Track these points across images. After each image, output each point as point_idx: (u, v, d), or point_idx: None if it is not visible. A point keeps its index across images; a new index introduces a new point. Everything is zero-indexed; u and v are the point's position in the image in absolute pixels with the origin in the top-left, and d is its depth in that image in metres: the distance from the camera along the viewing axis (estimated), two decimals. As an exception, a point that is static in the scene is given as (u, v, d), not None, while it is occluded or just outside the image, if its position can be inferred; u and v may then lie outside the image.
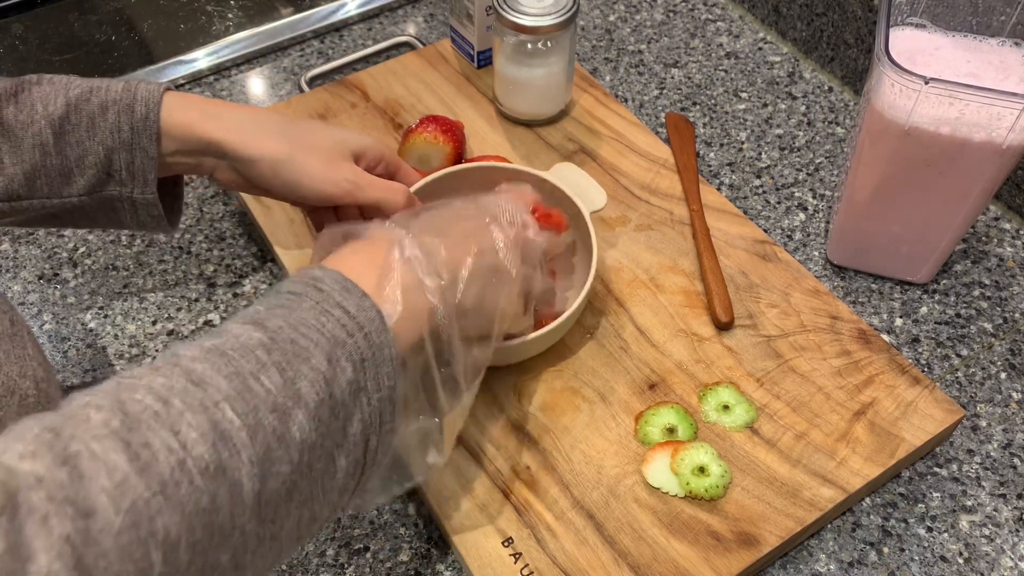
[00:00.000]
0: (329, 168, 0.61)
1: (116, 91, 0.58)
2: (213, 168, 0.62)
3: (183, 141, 0.60)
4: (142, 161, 0.59)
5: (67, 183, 0.59)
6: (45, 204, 0.59)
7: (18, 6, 0.97)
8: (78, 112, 0.58)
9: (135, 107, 0.58)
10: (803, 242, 0.79)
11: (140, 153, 0.58)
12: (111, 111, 0.58)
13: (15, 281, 0.76)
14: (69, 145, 0.58)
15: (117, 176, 0.59)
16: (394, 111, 0.86)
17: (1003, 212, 0.82)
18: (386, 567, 0.61)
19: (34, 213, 0.60)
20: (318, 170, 0.60)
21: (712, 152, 0.86)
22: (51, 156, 0.58)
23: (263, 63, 0.94)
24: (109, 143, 0.58)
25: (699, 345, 0.69)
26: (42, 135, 0.57)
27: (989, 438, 0.68)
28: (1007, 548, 0.62)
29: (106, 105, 0.58)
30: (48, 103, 0.57)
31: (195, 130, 0.59)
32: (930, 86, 0.60)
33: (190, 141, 0.60)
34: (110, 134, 0.58)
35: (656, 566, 0.58)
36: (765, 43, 0.96)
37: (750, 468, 0.62)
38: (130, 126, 0.58)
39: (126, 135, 0.58)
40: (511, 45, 0.79)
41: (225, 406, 0.37)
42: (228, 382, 0.38)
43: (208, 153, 0.61)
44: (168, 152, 0.60)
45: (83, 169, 0.58)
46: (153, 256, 0.78)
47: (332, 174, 0.61)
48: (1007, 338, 0.73)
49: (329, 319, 0.42)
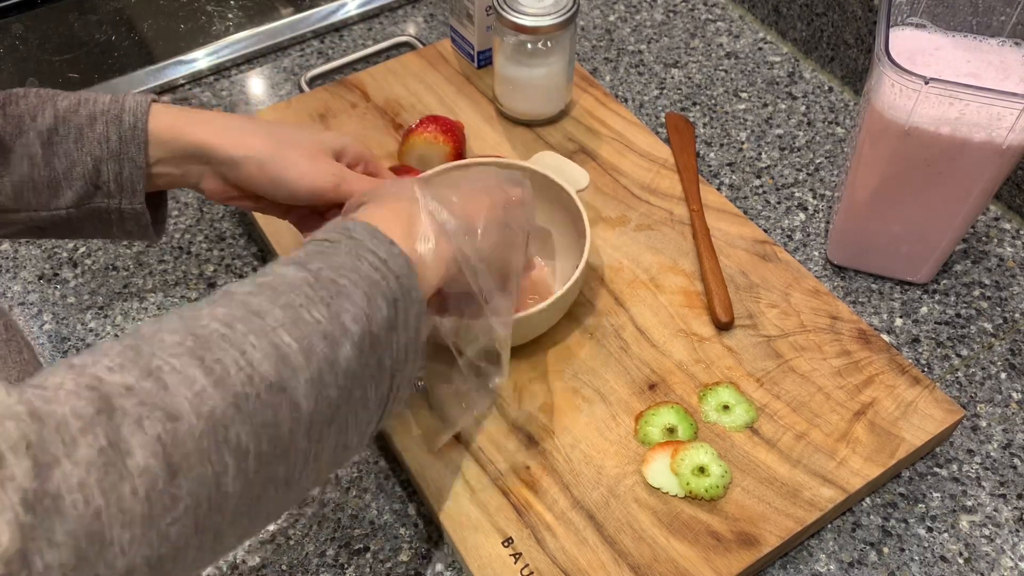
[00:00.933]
0: (314, 163, 0.61)
1: (104, 103, 0.59)
2: (199, 177, 0.62)
3: (170, 147, 0.60)
4: (130, 171, 0.59)
5: (55, 195, 0.59)
6: (32, 217, 0.60)
7: (18, 6, 0.97)
8: (66, 124, 0.58)
9: (123, 117, 0.58)
10: (803, 242, 0.79)
11: (128, 163, 0.59)
12: (99, 122, 0.58)
13: (15, 281, 0.76)
14: (57, 157, 0.58)
15: (105, 188, 0.60)
16: (394, 111, 0.86)
17: (1003, 212, 0.82)
18: (386, 567, 0.61)
19: (21, 226, 0.60)
20: (303, 165, 0.61)
21: (712, 152, 0.86)
22: (39, 168, 0.58)
23: (263, 63, 0.94)
24: (97, 153, 0.59)
25: (699, 345, 0.69)
26: (31, 147, 0.58)
27: (989, 438, 0.68)
28: (1007, 548, 0.62)
29: (94, 116, 0.59)
30: (36, 115, 0.58)
31: (182, 134, 0.60)
32: (930, 86, 0.60)
33: (177, 146, 0.60)
34: (98, 144, 0.58)
35: (656, 566, 0.58)
36: (765, 43, 0.96)
37: (750, 468, 0.62)
38: (118, 136, 0.58)
39: (114, 145, 0.59)
40: (511, 45, 0.79)
41: (282, 332, 0.41)
42: (282, 312, 0.41)
43: (194, 159, 0.61)
44: (154, 160, 0.60)
45: (71, 181, 0.59)
46: (153, 256, 0.78)
47: (317, 168, 0.61)
48: (1007, 338, 0.73)
49: (364, 263, 0.46)
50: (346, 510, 0.63)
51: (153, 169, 0.60)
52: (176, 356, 0.38)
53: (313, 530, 0.62)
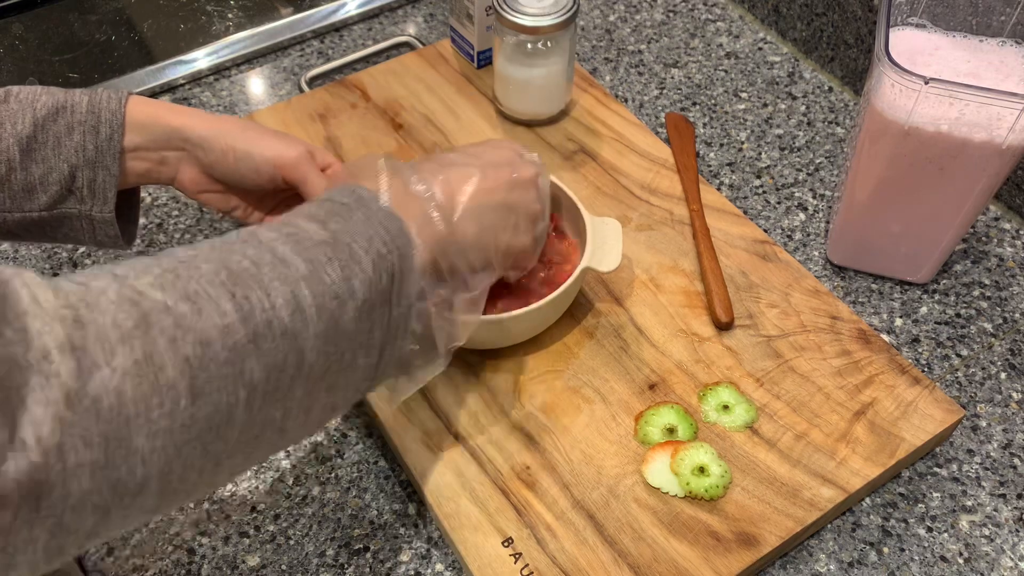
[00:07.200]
0: (283, 138, 0.64)
1: (81, 111, 0.60)
2: (176, 166, 0.64)
3: (148, 132, 0.62)
4: (104, 179, 0.61)
5: (29, 199, 0.60)
6: (6, 218, 0.61)
7: (18, 6, 0.97)
8: (44, 132, 0.60)
9: (100, 129, 0.60)
10: (803, 242, 0.79)
11: (103, 171, 0.61)
12: (76, 132, 0.60)
13: (15, 281, 0.76)
14: (35, 163, 0.60)
15: (78, 193, 0.61)
16: (394, 111, 0.86)
17: (1003, 212, 0.82)
18: (386, 567, 0.61)
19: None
20: (272, 138, 0.64)
21: (712, 152, 0.86)
22: (16, 172, 0.59)
23: (263, 63, 0.94)
24: (73, 160, 0.60)
25: (699, 345, 0.69)
26: (9, 152, 0.59)
27: (989, 438, 0.68)
28: (1007, 548, 0.62)
29: (72, 126, 0.60)
30: (16, 122, 0.59)
31: (160, 119, 0.62)
32: (930, 86, 0.60)
33: (155, 130, 0.62)
34: (75, 153, 0.60)
35: (656, 566, 0.58)
36: (765, 43, 0.96)
37: (750, 468, 0.62)
38: (95, 146, 0.60)
39: (91, 154, 0.60)
40: (511, 45, 0.79)
41: (302, 283, 0.43)
42: (304, 265, 0.44)
43: (171, 144, 0.62)
44: (132, 148, 0.62)
45: (47, 186, 0.60)
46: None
47: (286, 141, 0.64)
48: (1007, 338, 0.73)
49: (376, 235, 0.48)
50: (346, 510, 0.63)
51: (130, 159, 0.62)
52: (212, 285, 0.40)
53: (313, 530, 0.62)
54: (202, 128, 0.62)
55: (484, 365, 0.67)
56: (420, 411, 0.65)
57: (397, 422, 0.64)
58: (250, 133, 0.63)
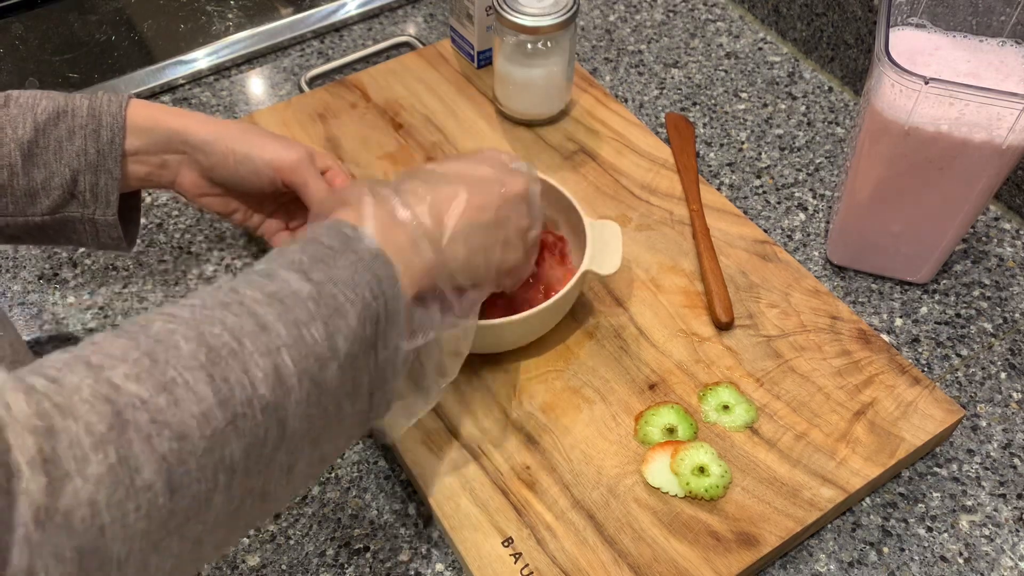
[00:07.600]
0: (282, 141, 0.64)
1: (82, 115, 0.60)
2: (176, 169, 0.64)
3: (149, 135, 0.62)
4: (106, 182, 0.61)
5: (32, 203, 0.60)
6: (9, 223, 0.61)
7: (18, 6, 0.97)
8: (46, 136, 0.60)
9: (101, 133, 0.60)
10: (803, 242, 0.79)
11: (105, 175, 0.61)
12: (78, 136, 0.60)
13: (15, 281, 0.76)
14: (37, 167, 0.60)
15: (80, 197, 0.61)
16: (394, 111, 0.86)
17: (1003, 212, 0.82)
18: (386, 567, 0.61)
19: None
20: (272, 141, 0.63)
21: (712, 152, 0.86)
22: (18, 177, 0.59)
23: (263, 63, 0.94)
24: (75, 165, 0.60)
25: (699, 345, 0.69)
26: (10, 157, 0.59)
27: (989, 438, 0.68)
28: (1007, 548, 0.62)
29: (73, 131, 0.60)
30: (17, 126, 0.59)
31: (160, 122, 0.62)
32: (930, 86, 0.60)
33: (156, 134, 0.62)
34: (76, 157, 0.60)
35: (656, 566, 0.58)
36: (765, 43, 0.96)
37: (750, 468, 0.62)
38: (96, 150, 0.60)
39: (92, 158, 0.60)
40: (511, 45, 0.79)
41: (284, 352, 0.41)
42: (287, 330, 0.42)
43: (171, 147, 0.63)
44: (133, 151, 0.62)
45: (49, 191, 0.60)
46: (153, 256, 0.78)
47: (286, 144, 0.64)
48: (1007, 338, 0.73)
49: (362, 281, 0.46)
50: (346, 510, 0.63)
51: (131, 162, 0.62)
52: (190, 370, 0.38)
53: (313, 530, 0.62)
54: (202, 131, 0.62)
55: (484, 365, 0.67)
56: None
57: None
58: (250, 136, 0.63)
